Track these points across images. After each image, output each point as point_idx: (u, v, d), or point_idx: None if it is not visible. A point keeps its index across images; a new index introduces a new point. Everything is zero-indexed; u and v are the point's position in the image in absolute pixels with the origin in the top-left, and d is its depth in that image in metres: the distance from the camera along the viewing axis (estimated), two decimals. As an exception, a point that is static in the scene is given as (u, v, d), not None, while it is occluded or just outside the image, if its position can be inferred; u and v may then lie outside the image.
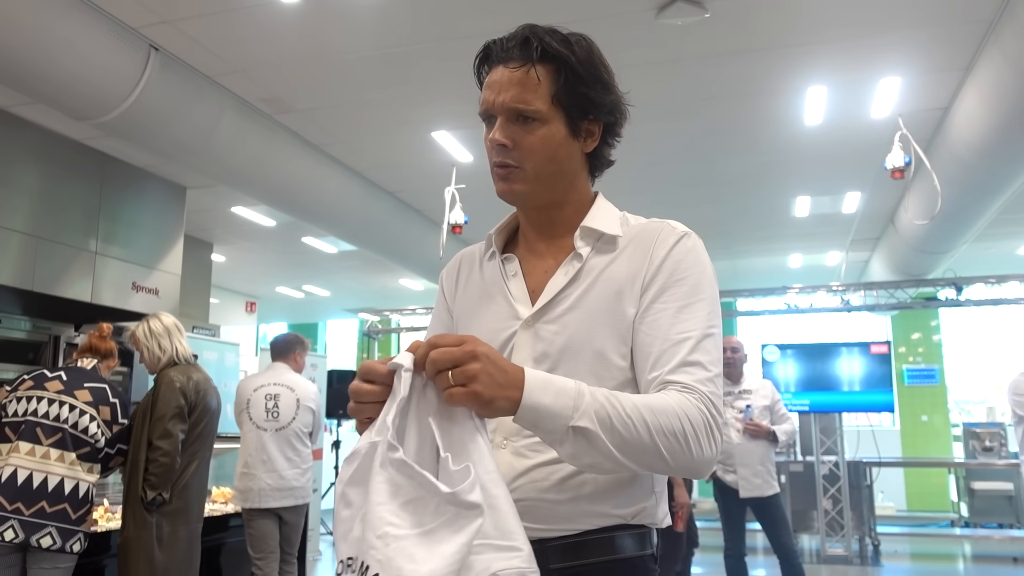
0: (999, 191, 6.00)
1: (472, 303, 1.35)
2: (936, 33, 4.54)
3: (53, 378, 3.25)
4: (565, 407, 1.03)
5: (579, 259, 1.26)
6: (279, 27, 4.44)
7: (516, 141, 1.22)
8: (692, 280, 1.20)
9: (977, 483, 8.73)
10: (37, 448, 3.06)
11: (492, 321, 1.28)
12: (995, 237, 8.76)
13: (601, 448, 1.04)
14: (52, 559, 3.02)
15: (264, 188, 6.06)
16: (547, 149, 1.24)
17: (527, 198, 1.27)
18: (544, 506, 1.19)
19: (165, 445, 3.30)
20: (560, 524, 1.19)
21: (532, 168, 1.24)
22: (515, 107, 1.22)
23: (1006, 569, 7.31)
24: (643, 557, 1.23)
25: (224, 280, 11.00)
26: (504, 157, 1.24)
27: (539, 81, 1.22)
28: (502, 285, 1.30)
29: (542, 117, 1.22)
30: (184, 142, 5.03)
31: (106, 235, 5.94)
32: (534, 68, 1.21)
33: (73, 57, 4.06)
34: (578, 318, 1.22)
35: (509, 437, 1.23)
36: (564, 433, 1.03)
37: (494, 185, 1.28)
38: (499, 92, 1.23)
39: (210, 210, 7.74)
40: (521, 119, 1.22)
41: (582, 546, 1.19)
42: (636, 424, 1.05)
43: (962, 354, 12.09)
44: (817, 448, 7.66)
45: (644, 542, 1.23)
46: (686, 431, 1.07)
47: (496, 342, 1.25)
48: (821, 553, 7.42)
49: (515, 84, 1.22)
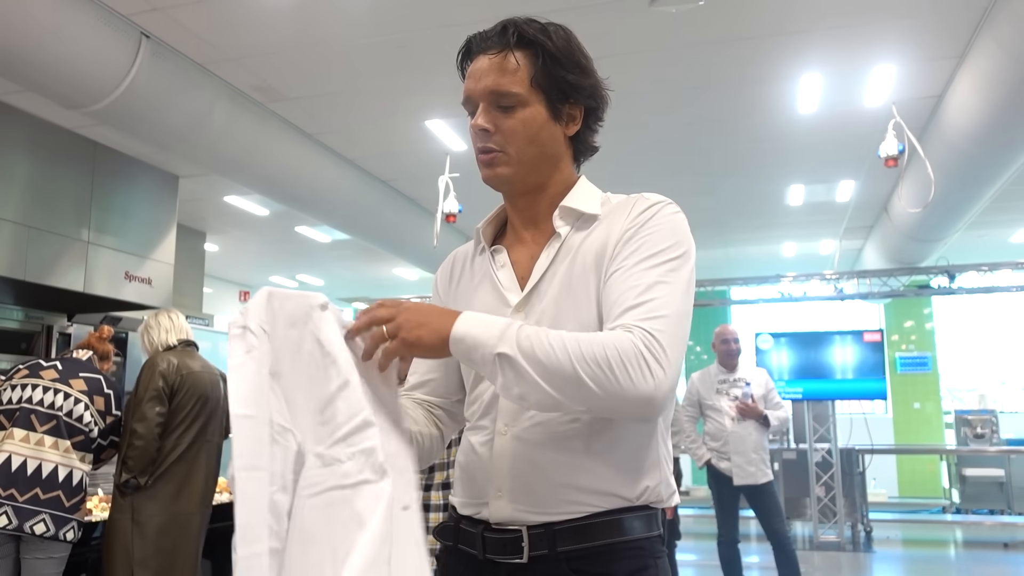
0: (992, 179, 6.01)
1: (465, 298, 1.37)
2: (930, 20, 4.53)
3: (48, 367, 3.25)
4: (490, 336, 1.08)
5: (558, 239, 1.28)
6: (271, 14, 4.41)
7: (497, 125, 1.25)
8: (655, 238, 1.20)
9: (968, 470, 8.78)
10: (32, 435, 3.06)
11: (484, 311, 1.29)
12: (988, 225, 8.78)
13: (527, 377, 1.07)
14: (46, 547, 3.02)
15: (257, 177, 6.04)
16: (528, 131, 1.25)
17: (511, 182, 1.29)
18: (548, 490, 1.20)
19: (139, 428, 3.28)
20: (565, 508, 1.19)
21: (515, 151, 1.26)
22: (494, 91, 1.24)
23: (997, 554, 7.37)
24: (650, 539, 1.23)
25: (217, 270, 10.97)
26: (486, 142, 1.26)
27: (517, 65, 1.24)
28: (492, 276, 1.33)
29: (521, 100, 1.24)
30: (176, 131, 5.00)
31: (98, 224, 5.92)
32: (512, 54, 1.24)
33: (63, 45, 4.03)
34: (563, 294, 1.24)
35: (510, 424, 1.25)
36: (492, 362, 1.08)
37: (480, 172, 1.29)
38: (479, 79, 1.26)
39: (203, 199, 7.71)
40: (501, 103, 1.24)
41: (589, 529, 1.20)
42: (557, 352, 1.06)
43: (954, 342, 12.14)
44: (810, 435, 7.70)
45: (651, 523, 1.24)
46: (610, 358, 1.06)
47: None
48: (814, 539, 7.47)
49: (494, 70, 1.24)
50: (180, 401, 3.42)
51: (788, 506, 7.45)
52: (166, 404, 3.38)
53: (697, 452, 5.02)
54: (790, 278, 8.94)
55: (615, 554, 1.20)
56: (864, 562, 7.07)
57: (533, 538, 1.20)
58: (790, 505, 7.59)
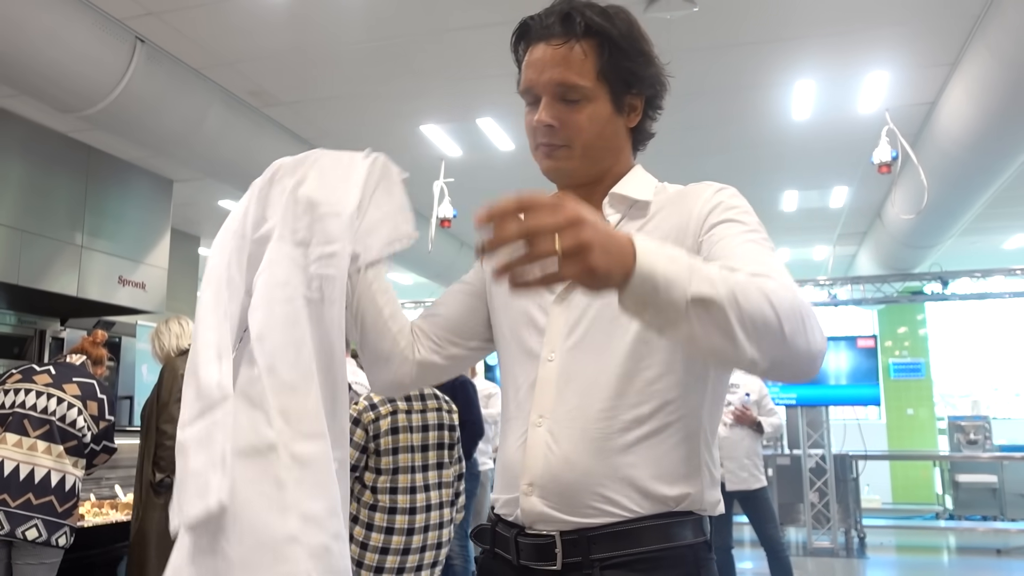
0: (985, 186, 6.04)
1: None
2: (923, 28, 4.56)
3: (42, 372, 3.24)
4: (680, 273, 0.87)
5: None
6: (266, 19, 4.42)
7: (563, 120, 1.18)
8: (747, 217, 1.17)
9: (961, 476, 8.80)
10: (24, 440, 3.05)
11: (526, 297, 1.24)
12: (981, 232, 8.82)
13: (722, 324, 0.87)
14: (37, 553, 3.01)
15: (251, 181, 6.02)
16: (594, 127, 1.20)
17: (572, 175, 1.23)
18: (582, 494, 1.14)
19: (169, 429, 3.38)
20: (600, 511, 1.13)
21: (580, 146, 1.20)
22: (561, 84, 1.18)
23: (990, 561, 7.38)
24: (693, 546, 1.16)
25: (211, 274, 10.94)
26: (551, 139, 1.20)
27: (584, 57, 1.18)
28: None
29: (588, 94, 1.19)
30: (171, 135, 5.00)
31: (92, 228, 5.90)
32: (578, 43, 1.17)
33: (58, 49, 4.02)
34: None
35: (545, 415, 1.18)
36: (681, 308, 0.87)
37: (538, 163, 1.24)
38: (542, 71, 1.18)
39: (197, 203, 7.70)
40: (567, 97, 1.18)
41: (625, 535, 1.13)
42: (753, 294, 0.89)
43: (947, 348, 12.18)
44: (804, 441, 7.71)
45: (695, 529, 1.17)
46: (803, 311, 0.93)
47: (529, 316, 1.24)
48: (807, 545, 7.47)
49: (559, 61, 1.18)
50: None
51: (782, 512, 7.45)
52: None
53: (691, 458, 5.02)
54: (784, 284, 8.94)
55: (652, 562, 1.14)
56: (858, 568, 7.08)
57: (566, 544, 1.14)
58: (784, 511, 7.60)
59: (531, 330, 1.24)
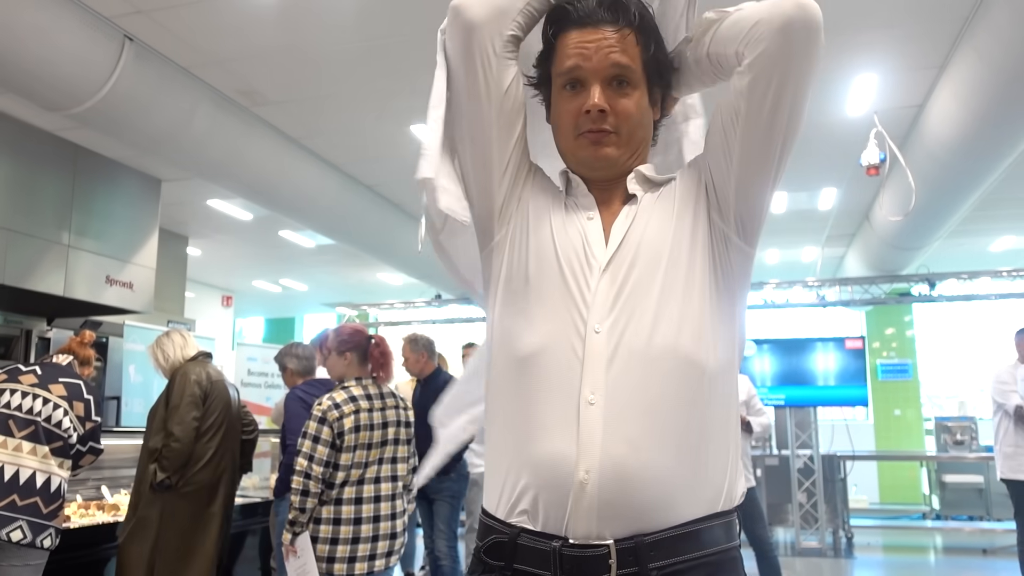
0: (972, 188, 6.08)
1: (546, 217, 1.22)
2: (911, 31, 4.58)
3: (27, 372, 3.21)
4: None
5: (635, 200, 1.21)
6: (255, 19, 4.40)
7: (612, 106, 1.18)
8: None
9: (948, 476, 8.85)
10: (9, 440, 3.02)
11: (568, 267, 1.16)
12: (968, 234, 8.87)
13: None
14: (22, 554, 2.98)
15: (240, 181, 6.01)
16: (639, 114, 1.21)
17: (616, 164, 1.22)
18: (638, 495, 1.05)
19: (177, 431, 3.50)
20: (659, 512, 1.05)
21: (626, 133, 1.20)
22: (617, 68, 1.18)
23: (976, 560, 7.42)
24: (738, 547, 1.13)
25: (200, 274, 10.90)
26: (602, 123, 1.18)
27: (636, 45, 1.19)
28: (580, 226, 1.20)
29: (637, 82, 1.19)
30: (159, 134, 4.97)
31: (79, 228, 5.87)
32: (631, 31, 1.18)
33: (45, 46, 3.99)
34: (646, 247, 1.15)
35: (597, 391, 1.08)
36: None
37: (576, 151, 1.22)
38: (594, 54, 1.17)
39: (185, 203, 7.66)
40: (617, 83, 1.18)
41: (683, 539, 1.06)
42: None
43: (935, 349, 12.24)
44: (792, 442, 7.73)
45: (735, 527, 1.14)
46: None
47: (572, 290, 1.14)
48: (795, 546, 7.49)
49: (614, 47, 1.17)
50: (210, 407, 3.66)
51: (770, 512, 7.48)
52: (201, 409, 3.61)
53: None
54: (773, 285, 8.99)
55: (710, 567, 1.08)
56: (845, 568, 7.10)
57: (621, 553, 1.04)
58: (772, 511, 7.62)
59: (571, 300, 1.14)
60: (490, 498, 1.16)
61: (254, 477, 5.03)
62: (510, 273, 1.21)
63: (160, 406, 3.64)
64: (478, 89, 1.21)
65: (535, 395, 1.11)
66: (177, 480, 3.51)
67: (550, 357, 1.11)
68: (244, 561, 4.43)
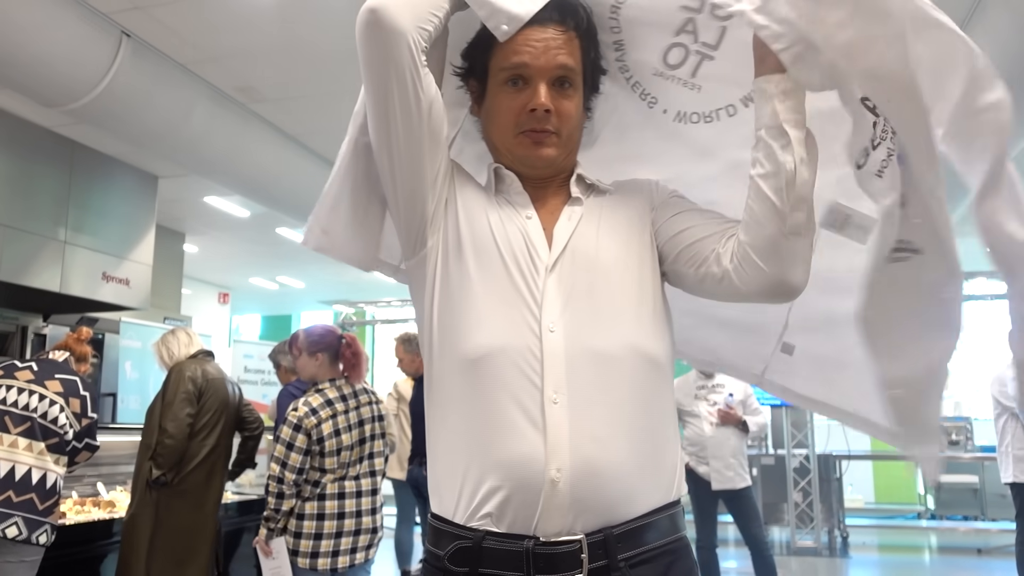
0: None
1: (480, 214, 1.20)
2: (909, 32, 4.58)
3: (24, 368, 3.20)
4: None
5: (577, 203, 1.22)
6: (253, 15, 4.40)
7: (556, 107, 1.18)
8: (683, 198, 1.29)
9: (943, 476, 8.87)
10: (5, 437, 3.01)
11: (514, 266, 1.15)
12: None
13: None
14: (17, 551, 2.98)
15: (238, 178, 6.00)
16: (577, 117, 1.22)
17: (554, 164, 1.23)
18: (608, 489, 1.07)
19: (171, 427, 3.51)
20: (624, 507, 1.08)
21: (566, 134, 1.21)
22: (563, 71, 1.18)
23: (971, 560, 7.45)
24: (685, 535, 1.17)
25: (196, 271, 10.88)
26: (545, 123, 1.18)
27: (579, 48, 1.20)
28: (521, 226, 1.19)
29: (578, 85, 1.21)
30: (156, 130, 4.96)
31: (75, 224, 5.86)
32: (576, 35, 1.19)
33: (43, 42, 3.98)
34: (596, 251, 1.17)
35: (560, 390, 1.08)
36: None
37: (516, 149, 1.21)
38: (542, 53, 1.17)
39: (182, 200, 7.65)
40: (564, 84, 1.19)
41: (647, 528, 1.09)
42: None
43: (930, 349, 12.26)
44: (788, 441, 7.74)
45: (683, 518, 1.18)
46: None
47: (521, 290, 1.13)
48: (791, 545, 7.51)
49: (563, 47, 1.18)
50: (205, 405, 3.65)
51: (766, 511, 7.49)
52: (195, 407, 3.61)
53: (676, 457, 5.03)
54: (769, 285, 9.00)
55: (669, 555, 1.11)
56: (840, 567, 7.12)
57: (592, 547, 1.06)
58: (768, 510, 7.63)
59: (520, 298, 1.13)
60: (444, 503, 1.13)
61: (251, 474, 5.03)
62: (447, 275, 1.18)
63: (157, 403, 3.65)
64: (408, 100, 1.14)
65: (493, 397, 1.09)
66: (173, 477, 3.51)
67: (506, 357, 1.09)
68: (239, 558, 4.43)
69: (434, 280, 1.19)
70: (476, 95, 1.27)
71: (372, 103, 1.18)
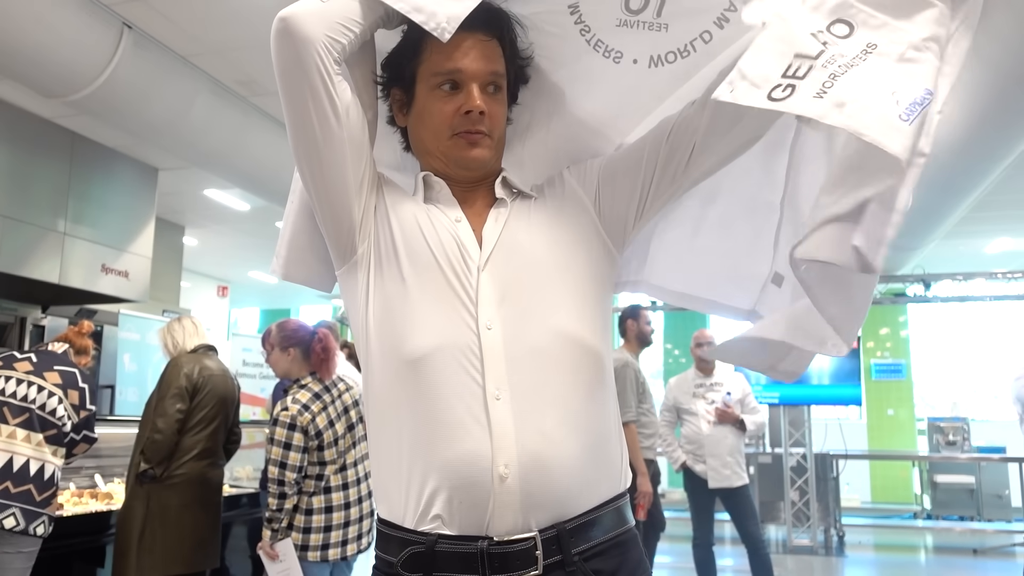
0: (969, 190, 6.09)
1: (410, 219, 1.21)
2: (911, 31, 4.58)
3: (23, 359, 3.21)
4: None
5: (503, 204, 1.24)
6: (255, 8, 4.39)
7: (487, 110, 1.21)
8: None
9: (940, 476, 8.89)
10: (3, 427, 3.01)
11: (448, 267, 1.16)
12: (964, 235, 8.89)
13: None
14: (15, 542, 2.98)
15: (238, 171, 5.99)
16: (504, 120, 1.27)
17: (486, 165, 1.25)
18: (557, 484, 1.07)
19: (160, 423, 3.47)
20: (574, 502, 1.09)
21: (497, 136, 1.25)
22: (494, 77, 1.23)
23: (966, 560, 7.46)
24: (633, 526, 1.20)
25: (196, 264, 10.88)
26: (479, 125, 1.21)
27: (503, 55, 1.24)
28: (451, 228, 1.20)
29: (504, 90, 1.26)
30: (157, 123, 4.95)
31: (75, 216, 5.85)
32: (499, 42, 1.23)
33: (44, 32, 3.97)
34: (527, 248, 1.20)
35: (502, 387, 1.09)
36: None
37: (450, 151, 1.23)
38: (476, 59, 1.21)
39: (182, 192, 7.64)
40: (494, 87, 1.23)
41: (598, 522, 1.11)
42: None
43: (928, 350, 12.28)
44: (785, 440, 7.75)
45: (631, 510, 1.20)
46: None
47: (456, 289, 1.14)
48: (787, 543, 7.52)
49: (491, 53, 1.23)
50: (202, 400, 3.61)
51: (762, 510, 7.50)
52: (187, 402, 3.56)
53: (673, 455, 5.05)
54: (769, 283, 8.99)
55: (621, 547, 1.13)
56: (836, 566, 7.14)
57: (546, 543, 1.07)
58: (764, 509, 7.65)
59: (456, 298, 1.14)
60: (392, 508, 1.13)
61: (247, 467, 5.04)
62: (381, 279, 1.18)
63: (153, 398, 3.64)
64: (323, 106, 1.15)
65: (435, 396, 1.09)
66: (161, 472, 3.48)
67: (447, 357, 1.10)
68: (233, 551, 4.43)
69: (367, 286, 1.19)
70: (400, 104, 1.28)
71: (288, 113, 1.19)
